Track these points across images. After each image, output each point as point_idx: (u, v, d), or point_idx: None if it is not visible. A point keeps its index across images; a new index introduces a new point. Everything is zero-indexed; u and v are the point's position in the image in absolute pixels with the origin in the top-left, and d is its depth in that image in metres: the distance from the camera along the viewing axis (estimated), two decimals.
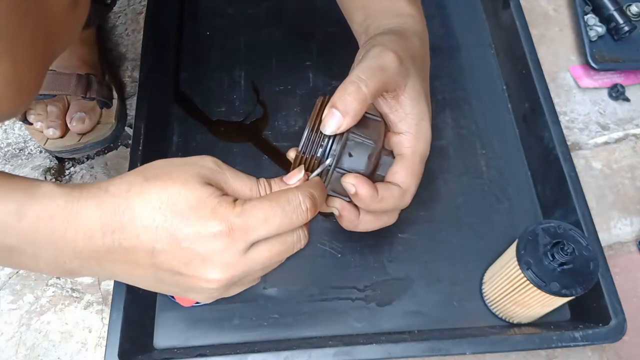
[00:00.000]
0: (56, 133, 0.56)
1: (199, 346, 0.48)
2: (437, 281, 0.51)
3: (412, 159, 0.39)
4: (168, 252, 0.32)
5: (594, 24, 0.65)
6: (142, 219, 0.31)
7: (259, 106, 0.61)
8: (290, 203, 0.33)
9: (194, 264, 0.32)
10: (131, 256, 0.32)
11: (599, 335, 0.44)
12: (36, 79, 0.31)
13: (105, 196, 0.32)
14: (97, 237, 0.32)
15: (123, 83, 0.64)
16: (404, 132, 0.39)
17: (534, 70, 0.57)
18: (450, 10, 0.67)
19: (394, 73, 0.36)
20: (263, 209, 0.32)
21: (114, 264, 0.33)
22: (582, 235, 0.43)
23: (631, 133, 0.62)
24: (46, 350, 0.50)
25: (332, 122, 0.35)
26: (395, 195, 0.38)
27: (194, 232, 0.31)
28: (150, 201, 0.32)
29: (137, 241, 0.32)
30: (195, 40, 0.65)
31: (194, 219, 0.31)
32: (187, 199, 0.32)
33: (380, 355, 0.44)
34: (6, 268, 0.54)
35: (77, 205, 0.32)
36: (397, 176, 0.39)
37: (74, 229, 0.31)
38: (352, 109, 0.35)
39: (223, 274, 0.32)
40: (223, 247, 0.31)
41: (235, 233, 0.31)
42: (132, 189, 0.32)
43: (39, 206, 0.31)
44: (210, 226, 0.31)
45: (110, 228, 0.32)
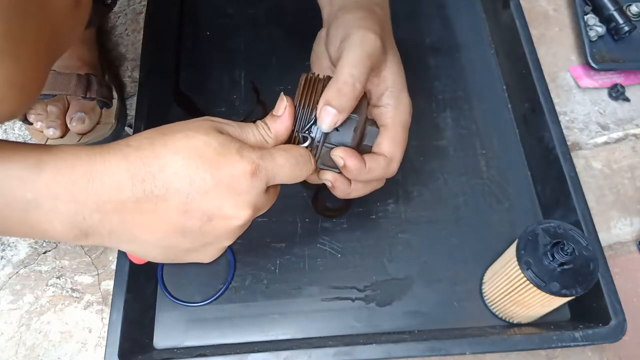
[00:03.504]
0: (56, 133, 0.56)
1: (199, 346, 0.48)
2: (437, 281, 0.51)
3: (395, 129, 0.41)
4: (203, 195, 0.33)
5: (594, 24, 0.65)
6: (174, 167, 0.33)
7: (259, 106, 0.61)
8: (302, 156, 0.37)
9: (227, 205, 0.34)
10: (162, 204, 0.33)
11: (599, 335, 0.44)
12: (39, 79, 0.31)
13: (128, 150, 0.33)
14: (125, 188, 0.32)
15: (123, 83, 0.64)
16: (385, 104, 0.41)
17: (534, 70, 0.57)
18: (450, 10, 0.67)
19: (378, 56, 0.39)
20: (282, 156, 0.36)
21: (139, 216, 0.33)
22: (582, 235, 0.43)
23: (631, 133, 0.62)
24: (46, 350, 0.50)
25: (329, 120, 0.37)
26: (382, 165, 0.41)
27: (227, 174, 0.33)
28: (177, 150, 0.33)
29: (171, 188, 0.33)
30: (195, 40, 0.65)
31: (223, 163, 0.33)
32: (212, 146, 0.33)
33: (380, 355, 0.44)
34: (6, 268, 0.54)
35: (101, 158, 0.32)
36: (382, 147, 0.41)
37: (99, 180, 0.32)
38: (348, 107, 0.37)
39: (250, 210, 0.35)
40: (250, 185, 0.34)
41: (260, 172, 0.34)
42: (155, 141, 0.33)
43: (59, 159, 0.31)
44: (240, 167, 0.34)
45: (140, 178, 0.32)
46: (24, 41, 0.29)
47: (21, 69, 0.29)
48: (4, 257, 0.55)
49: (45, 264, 0.54)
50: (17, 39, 0.28)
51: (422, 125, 0.59)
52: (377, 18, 0.41)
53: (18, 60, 0.28)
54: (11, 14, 0.27)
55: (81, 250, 0.55)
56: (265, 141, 0.38)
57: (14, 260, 0.55)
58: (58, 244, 0.55)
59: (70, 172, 0.31)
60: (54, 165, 0.31)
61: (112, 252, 0.54)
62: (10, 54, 0.28)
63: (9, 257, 0.55)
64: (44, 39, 0.30)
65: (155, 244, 0.36)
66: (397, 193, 0.55)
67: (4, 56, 0.27)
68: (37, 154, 0.31)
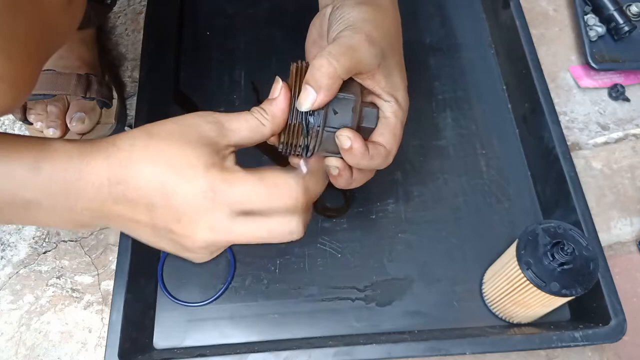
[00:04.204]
0: (56, 133, 0.56)
1: (199, 346, 0.48)
2: (437, 281, 0.51)
3: (395, 123, 0.41)
4: (163, 207, 0.33)
5: (594, 24, 0.65)
6: (143, 173, 0.33)
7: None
8: (283, 194, 0.33)
9: (183, 222, 0.33)
10: (133, 208, 0.34)
11: (599, 335, 0.44)
12: (30, 75, 0.31)
13: (112, 149, 0.33)
14: (104, 188, 0.33)
15: (123, 83, 0.64)
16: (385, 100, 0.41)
17: (534, 70, 0.57)
18: (450, 10, 0.67)
19: (365, 54, 0.37)
20: (248, 185, 0.33)
21: (119, 215, 0.34)
22: (582, 235, 0.43)
23: (631, 133, 0.62)
24: (46, 350, 0.50)
25: (307, 100, 0.36)
26: (382, 154, 0.40)
27: (186, 192, 0.32)
28: (152, 157, 0.33)
29: (138, 194, 0.33)
30: (195, 40, 0.65)
31: (188, 178, 0.33)
32: (186, 156, 0.33)
33: (380, 355, 0.44)
34: (6, 268, 0.54)
35: (88, 157, 0.33)
36: (382, 138, 0.41)
37: (85, 179, 0.33)
38: (324, 85, 0.36)
39: (207, 236, 0.34)
40: (208, 209, 0.33)
41: (219, 196, 0.32)
42: (136, 143, 0.34)
43: (54, 159, 0.32)
44: (198, 185, 0.32)
45: (116, 179, 0.33)
46: (15, 37, 0.29)
47: (12, 65, 0.29)
48: (4, 257, 0.55)
49: (45, 264, 0.54)
50: (8, 35, 0.28)
51: (422, 125, 0.59)
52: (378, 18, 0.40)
53: (9, 56, 0.28)
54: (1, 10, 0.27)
55: (81, 250, 0.55)
56: (262, 124, 0.36)
57: (14, 260, 0.55)
58: (58, 244, 0.55)
59: (64, 172, 0.33)
60: (50, 166, 0.32)
61: (112, 252, 0.54)
62: (2, 49, 0.28)
63: (9, 257, 0.55)
64: (35, 35, 0.30)
65: (143, 238, 0.36)
66: (397, 193, 0.55)
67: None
68: (34, 154, 0.32)
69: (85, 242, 0.55)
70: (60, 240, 0.56)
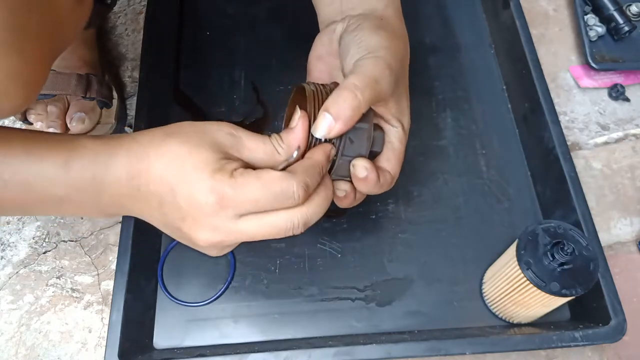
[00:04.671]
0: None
1: (199, 346, 0.48)
2: (437, 281, 0.51)
3: (399, 149, 0.42)
4: (170, 204, 0.35)
5: (594, 24, 0.65)
6: (156, 170, 0.34)
7: (259, 106, 0.61)
8: (283, 192, 0.34)
9: (187, 221, 0.35)
10: (147, 201, 0.36)
11: (599, 335, 0.44)
12: (42, 73, 0.32)
13: (133, 144, 0.35)
14: (123, 181, 0.35)
15: (123, 83, 0.64)
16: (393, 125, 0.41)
17: (534, 70, 0.57)
18: (450, 10, 0.67)
19: (386, 85, 0.38)
20: (255, 188, 0.33)
21: (138, 204, 0.36)
22: (582, 235, 0.43)
23: (631, 133, 0.62)
24: (46, 350, 0.50)
25: (323, 126, 0.36)
26: (388, 181, 0.42)
27: (191, 193, 0.34)
28: (164, 155, 0.34)
29: (150, 189, 0.35)
30: (195, 40, 0.65)
31: (193, 180, 0.34)
32: (194, 159, 0.34)
33: (380, 355, 0.44)
34: (6, 268, 0.54)
35: (113, 152, 0.35)
36: (388, 163, 0.42)
37: (109, 173, 0.35)
38: (344, 115, 0.36)
39: (211, 237, 0.35)
40: (212, 212, 0.34)
41: (224, 201, 0.33)
42: (153, 140, 0.35)
43: (83, 157, 0.35)
44: (205, 189, 0.33)
45: (132, 174, 0.35)
46: (28, 35, 0.29)
47: (25, 63, 0.29)
48: (4, 257, 0.55)
49: (45, 264, 0.54)
50: (21, 32, 0.28)
51: (422, 125, 0.59)
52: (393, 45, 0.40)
53: (22, 54, 0.29)
54: (16, 7, 0.27)
55: (81, 250, 0.55)
56: (277, 152, 0.37)
57: (14, 260, 0.55)
58: (58, 244, 0.55)
59: (93, 168, 0.35)
60: (79, 163, 0.34)
61: (112, 252, 0.54)
62: (14, 47, 0.28)
63: (9, 257, 0.55)
64: (47, 33, 0.31)
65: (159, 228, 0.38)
66: (397, 193, 0.55)
67: (9, 50, 0.28)
68: (65, 153, 0.34)
69: (85, 242, 0.55)
70: (60, 240, 0.56)
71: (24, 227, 0.56)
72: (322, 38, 0.44)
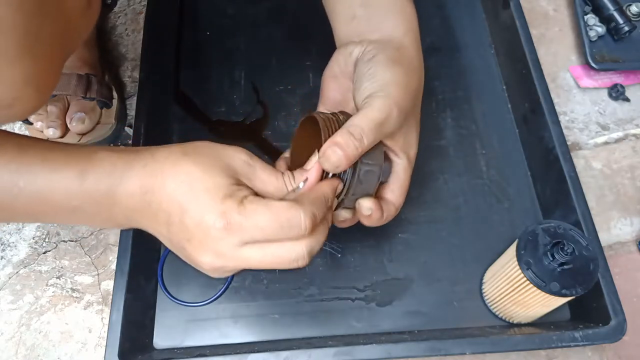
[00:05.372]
0: (56, 133, 0.56)
1: (199, 346, 0.48)
2: (437, 281, 0.51)
3: (404, 180, 0.43)
4: (178, 224, 0.35)
5: (594, 24, 0.65)
6: (168, 187, 0.35)
7: (259, 106, 0.61)
8: (290, 221, 0.34)
9: (193, 242, 0.35)
10: (156, 217, 0.36)
11: (599, 335, 0.44)
12: (53, 77, 0.32)
13: (149, 159, 0.36)
14: (136, 195, 0.35)
15: (123, 83, 0.64)
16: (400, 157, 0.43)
17: (534, 70, 0.57)
18: (450, 10, 0.67)
19: (393, 124, 0.39)
20: (263, 217, 0.34)
21: (147, 219, 0.37)
22: (582, 235, 0.43)
23: (631, 133, 0.62)
24: (46, 350, 0.50)
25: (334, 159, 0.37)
26: (392, 212, 0.43)
27: (199, 216, 0.34)
28: (178, 174, 0.35)
29: (161, 206, 0.35)
30: (195, 40, 0.65)
31: (203, 203, 0.34)
32: (207, 182, 0.34)
33: (380, 355, 0.44)
34: (6, 268, 0.54)
35: (129, 165, 0.35)
36: (392, 195, 0.43)
37: (123, 185, 0.35)
38: (351, 155, 0.37)
39: (213, 261, 0.35)
40: (218, 237, 0.34)
41: (231, 227, 0.33)
42: (170, 157, 0.36)
43: (98, 168, 0.35)
44: (213, 214, 0.33)
45: (145, 189, 0.35)
46: (42, 39, 0.29)
47: (38, 67, 0.29)
48: (4, 257, 0.55)
49: (45, 264, 0.54)
50: (36, 37, 0.28)
51: (422, 125, 0.58)
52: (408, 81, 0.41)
53: (36, 59, 0.29)
54: (31, 12, 0.27)
55: (81, 250, 0.55)
56: (287, 189, 0.38)
57: (14, 260, 0.55)
58: (58, 244, 0.55)
59: (108, 179, 0.35)
60: (94, 175, 0.35)
61: (112, 252, 0.54)
62: (29, 52, 0.28)
63: (9, 257, 0.55)
64: (59, 37, 0.31)
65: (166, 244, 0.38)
66: None
67: (24, 54, 0.28)
68: (81, 164, 0.35)
69: (85, 242, 0.55)
70: (60, 240, 0.56)
71: (24, 227, 0.56)
72: (338, 58, 0.45)
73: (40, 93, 0.30)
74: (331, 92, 0.45)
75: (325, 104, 0.46)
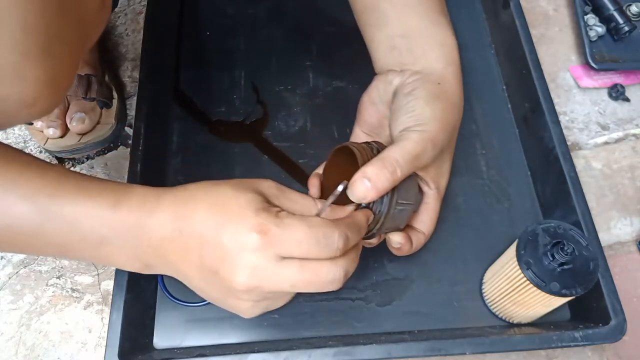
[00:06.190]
0: (56, 133, 0.56)
1: (199, 346, 0.48)
2: (437, 281, 0.51)
3: (434, 209, 0.45)
4: (211, 243, 0.34)
5: (594, 24, 0.65)
6: (200, 212, 0.35)
7: (259, 106, 0.61)
8: (326, 238, 0.34)
9: (226, 261, 0.34)
10: (187, 245, 0.35)
11: (599, 335, 0.44)
12: (71, 77, 0.32)
13: (180, 191, 0.37)
14: (167, 224, 0.35)
15: (123, 83, 0.64)
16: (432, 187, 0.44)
17: (534, 70, 0.57)
18: (450, 10, 0.67)
19: (426, 158, 0.40)
20: (301, 231, 0.34)
21: (175, 252, 0.36)
22: (582, 235, 0.43)
23: (631, 133, 0.62)
24: (46, 350, 0.50)
25: (360, 191, 0.37)
26: (421, 241, 0.45)
27: (234, 229, 0.34)
28: (210, 198, 0.35)
29: (193, 230, 0.35)
30: (195, 40, 0.65)
31: (238, 217, 0.34)
32: (239, 200, 0.35)
33: (380, 355, 0.44)
34: (6, 268, 0.54)
35: (160, 198, 0.36)
36: (423, 225, 0.45)
37: (154, 217, 0.35)
38: (382, 187, 0.37)
39: (249, 280, 0.34)
40: (255, 248, 0.33)
41: (269, 237, 0.33)
42: (200, 187, 0.37)
43: (131, 200, 0.35)
44: (249, 225, 0.33)
45: (177, 216, 0.35)
46: (62, 39, 0.29)
47: (58, 67, 0.30)
48: (4, 257, 0.55)
49: (45, 264, 0.54)
50: (56, 37, 0.29)
51: None
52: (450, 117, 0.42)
53: (56, 58, 0.29)
54: (52, 12, 0.28)
55: None
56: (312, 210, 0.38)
57: (14, 260, 0.55)
58: None
59: (138, 211, 0.35)
60: (127, 206, 0.35)
61: None
62: (49, 52, 0.28)
63: (9, 257, 0.55)
64: (77, 37, 0.31)
65: (193, 283, 0.38)
66: None
67: (46, 54, 0.28)
68: (116, 195, 0.35)
69: None
70: None
71: None
72: (378, 85, 0.45)
73: (59, 91, 0.31)
74: (368, 117, 0.47)
75: (362, 126, 0.47)
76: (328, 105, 0.60)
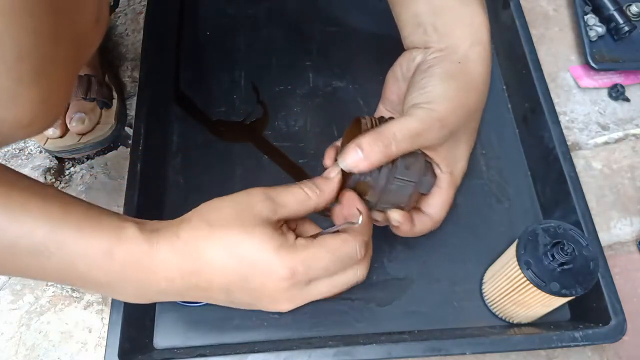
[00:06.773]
0: (56, 133, 0.56)
1: (199, 346, 0.48)
2: (437, 281, 0.51)
3: (447, 194, 0.43)
4: (240, 291, 0.36)
5: (594, 24, 0.65)
6: (214, 263, 0.35)
7: (259, 106, 0.61)
8: (348, 256, 0.36)
9: (263, 300, 0.37)
10: (208, 292, 0.37)
11: (599, 335, 0.44)
12: (66, 95, 0.33)
13: (177, 242, 0.35)
14: (177, 280, 0.36)
15: (123, 83, 0.64)
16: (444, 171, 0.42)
17: (534, 70, 0.57)
18: None
19: (431, 137, 0.39)
20: (325, 258, 0.36)
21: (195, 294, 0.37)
22: (582, 235, 0.43)
23: (631, 133, 0.62)
24: (46, 350, 0.50)
25: (351, 160, 0.37)
26: (428, 226, 0.43)
27: (263, 278, 0.35)
28: (218, 247, 0.35)
29: (212, 282, 0.36)
30: (195, 40, 0.65)
31: (261, 265, 0.35)
32: (251, 243, 0.35)
33: (380, 355, 0.44)
34: None
35: (157, 251, 0.35)
36: (432, 209, 0.43)
37: (157, 273, 0.35)
38: (374, 159, 0.37)
39: (288, 306, 0.37)
40: (287, 287, 0.35)
41: (297, 277, 0.35)
42: (198, 235, 0.36)
43: (126, 249, 0.35)
44: (276, 272, 0.35)
45: (188, 272, 0.35)
46: (56, 61, 0.29)
47: (54, 88, 0.30)
48: None
49: None
50: (51, 59, 0.29)
51: None
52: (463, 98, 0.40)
53: (50, 80, 0.29)
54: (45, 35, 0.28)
55: None
56: (309, 197, 0.38)
57: None
58: None
59: (136, 264, 0.35)
60: (122, 255, 0.34)
61: None
62: (44, 74, 0.29)
63: None
64: (72, 56, 0.31)
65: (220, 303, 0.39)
66: None
67: (39, 77, 0.28)
68: (108, 239, 0.34)
69: None
70: None
71: None
72: (402, 61, 0.45)
73: (55, 110, 0.31)
74: (390, 94, 0.46)
75: (385, 103, 0.47)
76: (328, 105, 0.60)
